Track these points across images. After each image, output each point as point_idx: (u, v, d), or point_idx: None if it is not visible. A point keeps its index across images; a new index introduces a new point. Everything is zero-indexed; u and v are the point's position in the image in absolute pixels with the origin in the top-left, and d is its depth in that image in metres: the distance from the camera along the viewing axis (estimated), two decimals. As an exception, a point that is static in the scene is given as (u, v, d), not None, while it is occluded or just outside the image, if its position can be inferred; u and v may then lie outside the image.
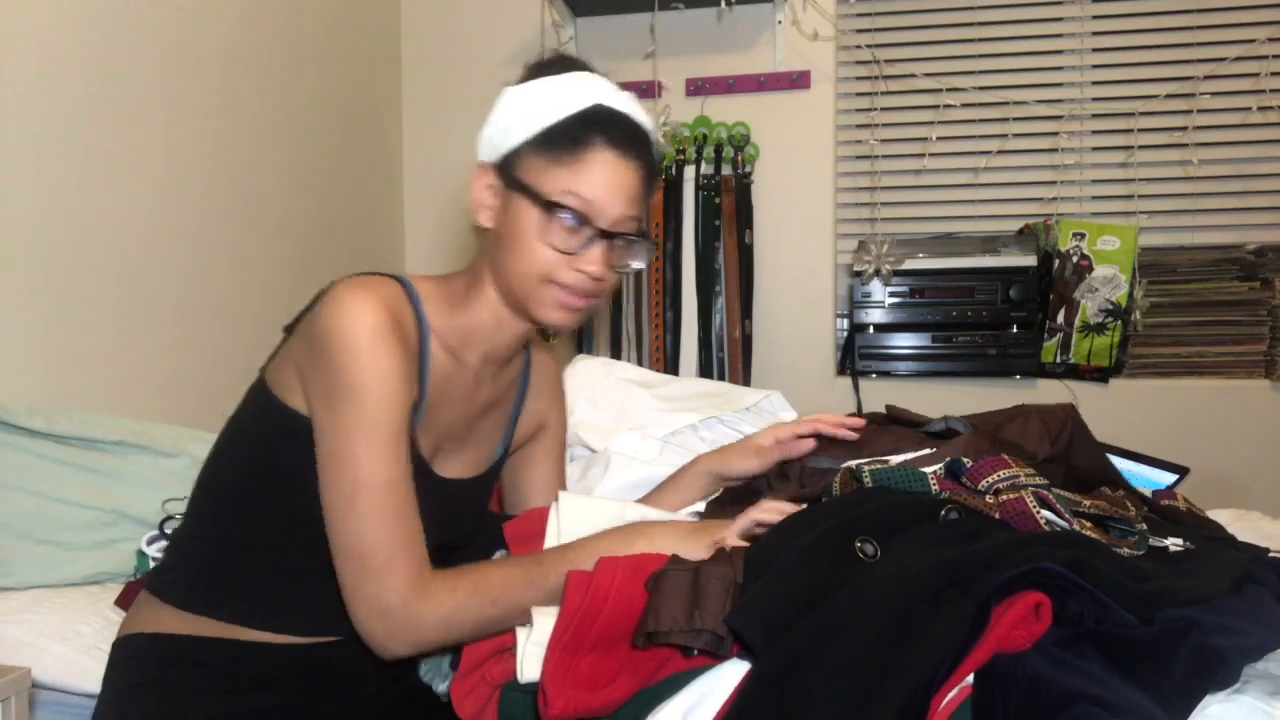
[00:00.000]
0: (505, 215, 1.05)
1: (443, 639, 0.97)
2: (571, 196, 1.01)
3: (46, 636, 1.22)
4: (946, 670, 0.74)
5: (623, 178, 1.03)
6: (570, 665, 0.84)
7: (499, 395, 1.20)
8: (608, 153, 1.03)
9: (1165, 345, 2.51)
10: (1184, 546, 0.99)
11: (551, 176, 1.02)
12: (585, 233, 1.02)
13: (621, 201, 1.03)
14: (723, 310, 2.57)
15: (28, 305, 1.57)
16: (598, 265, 1.03)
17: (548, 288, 1.04)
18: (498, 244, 1.06)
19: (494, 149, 1.06)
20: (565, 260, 1.03)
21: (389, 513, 0.96)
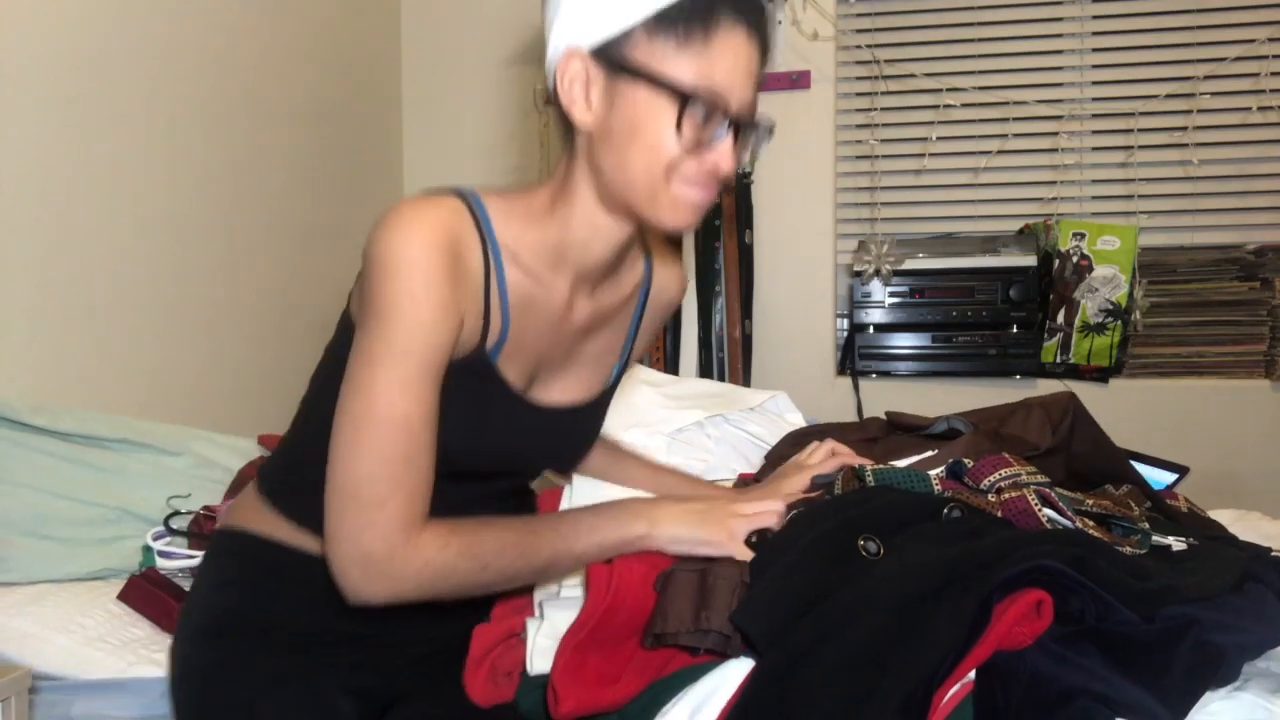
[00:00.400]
0: (613, 109, 0.91)
1: (421, 594, 0.90)
2: (706, 83, 0.89)
3: (50, 628, 1.22)
4: (948, 667, 0.74)
5: (751, 59, 0.92)
6: (580, 662, 0.85)
7: (604, 314, 1.08)
8: (738, 32, 0.91)
9: (1165, 345, 2.51)
10: (1186, 545, 1.00)
11: (680, 62, 0.89)
12: (718, 123, 0.91)
13: (750, 86, 0.93)
14: (723, 310, 2.57)
15: (31, 303, 1.57)
16: (729, 159, 0.92)
17: (674, 186, 0.92)
18: (605, 141, 0.93)
19: (588, 32, 0.91)
20: (695, 154, 0.91)
21: (394, 450, 0.88)
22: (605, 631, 0.86)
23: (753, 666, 0.80)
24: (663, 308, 1.18)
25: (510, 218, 0.98)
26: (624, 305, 1.11)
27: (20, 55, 1.55)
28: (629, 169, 0.92)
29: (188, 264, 1.94)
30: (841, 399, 2.58)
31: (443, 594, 0.91)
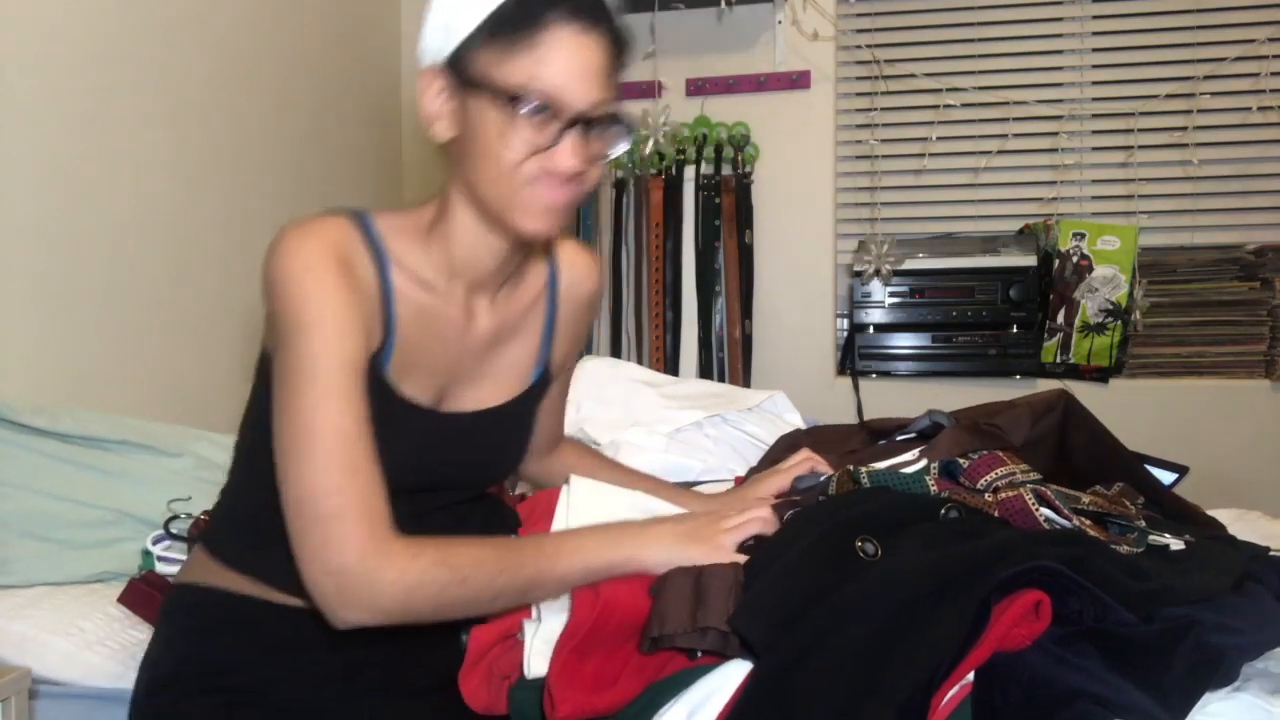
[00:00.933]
0: (465, 120, 0.93)
1: (401, 610, 0.88)
2: (534, 84, 0.89)
3: (49, 632, 1.22)
4: (947, 668, 0.74)
5: (588, 55, 0.91)
6: (577, 665, 0.85)
7: (510, 323, 1.09)
8: (568, 28, 0.90)
9: (1165, 345, 2.51)
10: (1184, 545, 1.00)
11: (509, 65, 0.90)
12: (554, 124, 0.91)
13: (590, 83, 0.91)
14: (723, 310, 2.57)
15: (31, 304, 1.57)
16: (573, 159, 0.92)
17: (521, 191, 0.92)
18: (463, 154, 0.95)
19: (439, 49, 0.94)
20: (535, 156, 0.91)
21: (335, 461, 0.87)
22: (601, 635, 0.86)
23: (750, 669, 0.80)
24: (579, 304, 1.17)
25: (399, 234, 0.99)
26: (530, 311, 1.11)
27: (20, 55, 1.55)
28: (483, 178, 0.93)
29: (189, 263, 1.94)
30: (841, 399, 2.58)
31: (424, 612, 0.89)
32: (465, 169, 0.95)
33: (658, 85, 2.65)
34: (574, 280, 1.15)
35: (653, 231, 2.57)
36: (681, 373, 2.54)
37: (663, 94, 2.67)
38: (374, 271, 0.96)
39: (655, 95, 2.64)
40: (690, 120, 2.61)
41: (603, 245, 2.63)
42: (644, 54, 2.65)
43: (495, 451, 1.10)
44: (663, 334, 2.56)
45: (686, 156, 2.57)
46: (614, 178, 2.62)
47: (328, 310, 0.90)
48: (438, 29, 0.95)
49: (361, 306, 0.93)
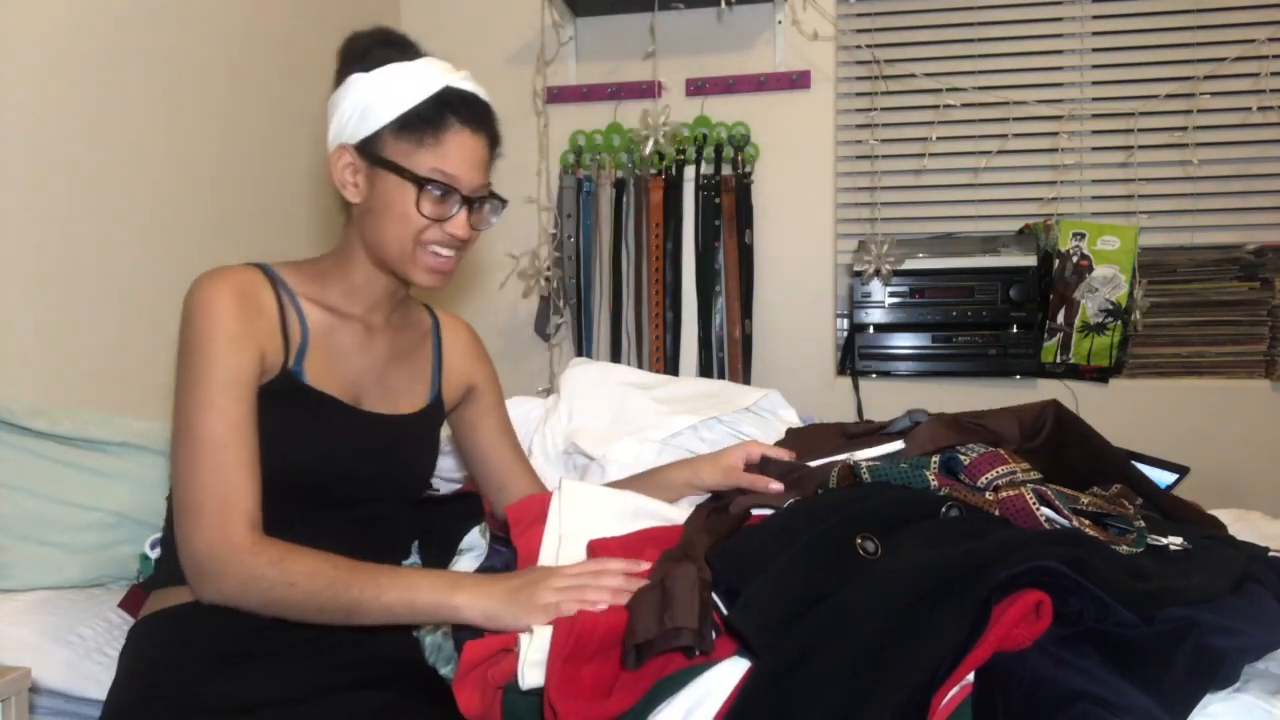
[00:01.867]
0: (373, 190, 1.18)
1: (239, 596, 1.03)
2: (438, 173, 1.15)
3: (49, 639, 1.22)
4: (947, 669, 0.74)
5: (476, 152, 1.19)
6: (573, 675, 0.84)
7: (405, 347, 1.32)
8: (463, 132, 1.17)
9: (1165, 345, 2.51)
10: (1183, 545, 1.00)
11: (418, 157, 1.15)
12: (452, 202, 1.17)
13: (478, 172, 1.19)
14: (723, 310, 2.57)
15: (30, 305, 1.57)
16: (463, 229, 1.19)
17: (418, 251, 1.18)
18: (367, 216, 1.19)
19: (351, 132, 1.18)
20: (433, 225, 1.17)
21: (203, 461, 1.05)
22: (590, 643, 0.86)
23: (749, 667, 0.80)
24: (463, 349, 1.41)
25: (300, 275, 1.23)
26: (419, 346, 1.35)
27: (21, 55, 1.55)
28: (386, 237, 1.18)
29: (188, 264, 1.93)
30: (842, 399, 2.58)
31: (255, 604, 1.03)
32: (368, 228, 1.20)
33: (658, 85, 2.65)
34: (452, 334, 1.41)
35: (653, 231, 2.57)
36: (681, 373, 2.53)
37: (663, 94, 2.67)
38: (274, 301, 1.17)
39: (655, 95, 2.64)
40: (690, 120, 2.61)
41: (603, 245, 2.63)
42: (644, 54, 2.65)
43: (406, 454, 1.28)
44: (663, 334, 2.56)
45: (686, 156, 2.57)
46: (614, 178, 2.62)
47: (216, 335, 1.09)
48: (353, 115, 1.18)
49: (258, 331, 1.13)
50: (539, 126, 2.73)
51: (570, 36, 2.72)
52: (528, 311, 2.72)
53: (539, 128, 2.73)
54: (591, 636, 0.86)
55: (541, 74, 2.71)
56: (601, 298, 2.63)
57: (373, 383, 1.26)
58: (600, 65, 2.73)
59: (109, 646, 1.24)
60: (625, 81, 2.68)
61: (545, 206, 2.72)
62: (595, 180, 2.64)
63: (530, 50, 2.73)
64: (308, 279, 1.23)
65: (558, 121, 2.72)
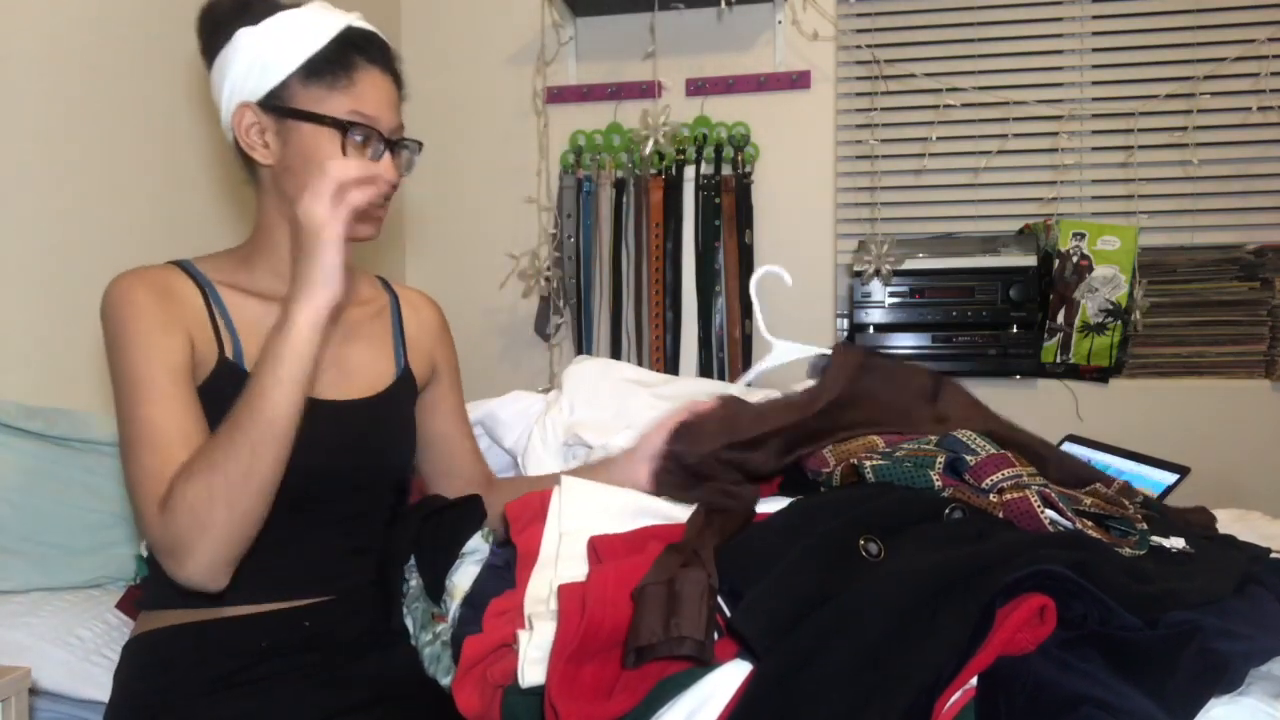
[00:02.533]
0: (286, 146, 1.11)
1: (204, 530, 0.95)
2: (358, 115, 1.10)
3: (47, 641, 1.22)
4: (950, 672, 0.74)
5: (389, 91, 1.14)
6: (574, 674, 0.84)
7: (352, 324, 1.24)
8: (373, 71, 1.12)
9: (1165, 345, 2.51)
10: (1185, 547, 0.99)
11: (332, 101, 1.09)
12: (376, 145, 1.12)
13: (393, 112, 1.14)
14: (723, 310, 2.57)
15: (26, 306, 1.57)
16: (393, 172, 1.13)
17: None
18: (285, 176, 1.12)
19: (252, 89, 1.10)
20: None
21: (158, 450, 0.99)
22: (593, 643, 0.86)
23: (751, 670, 0.80)
24: (428, 327, 1.34)
25: (220, 266, 1.16)
26: (375, 321, 1.28)
27: (21, 55, 1.55)
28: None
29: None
30: (841, 399, 2.58)
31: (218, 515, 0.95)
32: (288, 187, 1.11)
33: (658, 85, 2.65)
34: (414, 307, 1.34)
35: (653, 231, 2.57)
36: (681, 373, 2.53)
37: (663, 94, 2.67)
38: (198, 294, 1.12)
39: (655, 95, 2.64)
40: (690, 120, 2.61)
41: (603, 245, 2.63)
42: (644, 54, 2.65)
43: (377, 440, 1.20)
44: (663, 334, 2.56)
45: (686, 156, 2.57)
46: (614, 178, 2.62)
47: (140, 324, 1.04)
48: (250, 71, 1.10)
49: (183, 318, 1.07)
50: (539, 126, 2.73)
51: (570, 36, 2.72)
52: (528, 311, 2.72)
53: (539, 128, 2.73)
54: (596, 635, 0.86)
55: (541, 74, 2.71)
56: (601, 298, 2.63)
57: (325, 368, 1.16)
58: (600, 65, 2.72)
59: (107, 648, 1.24)
60: (625, 81, 2.68)
61: (545, 206, 2.71)
62: (595, 180, 2.64)
63: (530, 50, 2.73)
64: (232, 267, 1.17)
65: (558, 121, 2.72)
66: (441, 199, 2.85)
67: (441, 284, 2.52)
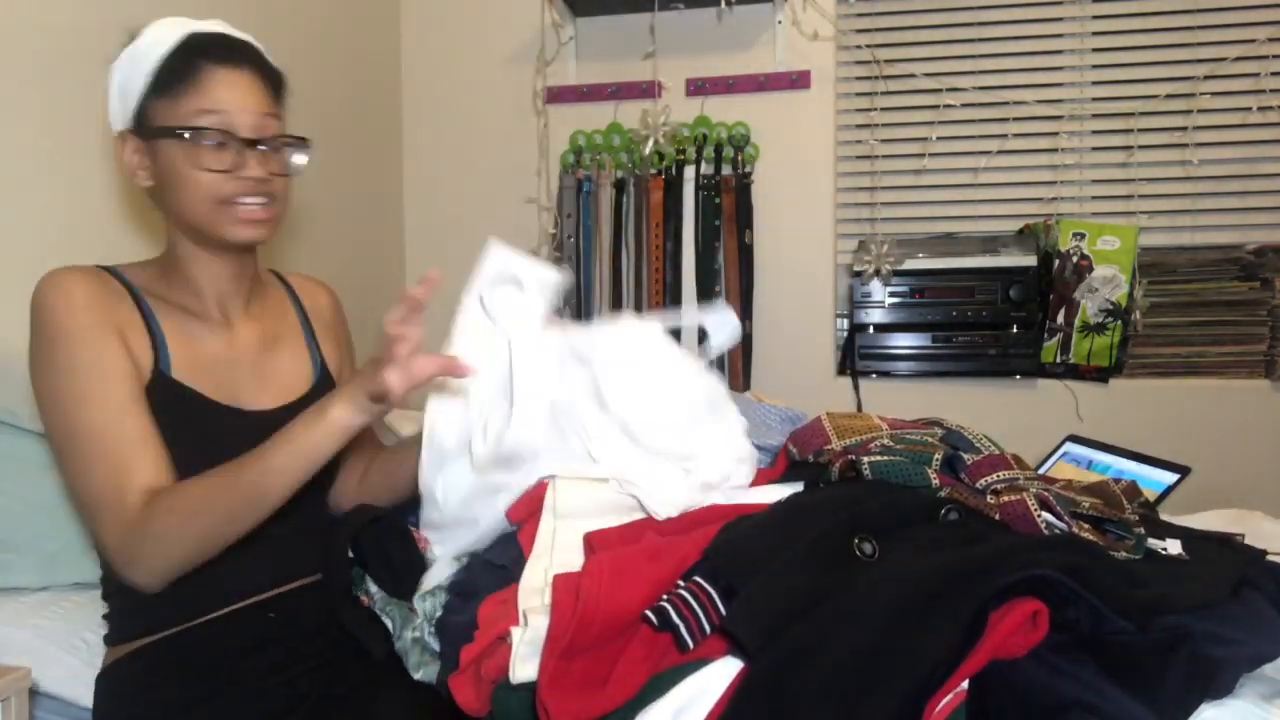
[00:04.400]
0: (157, 164, 1.11)
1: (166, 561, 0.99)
2: (203, 115, 1.07)
3: (53, 644, 1.22)
4: (942, 675, 0.74)
5: (242, 88, 1.10)
6: (565, 669, 0.84)
7: (271, 331, 1.25)
8: (217, 69, 1.09)
9: (1165, 345, 2.51)
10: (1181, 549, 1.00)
11: (179, 109, 1.08)
12: (231, 145, 1.09)
13: (251, 107, 1.10)
14: (723, 310, 2.56)
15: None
16: (257, 169, 1.10)
17: (223, 209, 1.10)
18: (163, 193, 1.12)
19: (122, 117, 1.12)
20: (225, 177, 1.09)
21: (95, 455, 1.00)
22: (587, 636, 0.86)
23: (741, 669, 0.80)
24: (325, 317, 1.34)
25: (144, 275, 1.15)
26: (285, 323, 1.28)
27: (21, 55, 1.55)
28: (184, 207, 1.10)
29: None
30: (842, 399, 2.58)
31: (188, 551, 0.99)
32: (169, 204, 1.12)
33: (658, 85, 2.65)
34: (311, 299, 1.34)
35: (653, 231, 2.57)
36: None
37: (663, 94, 2.67)
38: (129, 300, 1.11)
39: (655, 95, 2.64)
40: (690, 120, 2.61)
41: (603, 245, 2.63)
42: (644, 54, 2.65)
43: None
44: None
45: (686, 156, 2.57)
46: (614, 178, 2.62)
47: (76, 324, 1.03)
48: (115, 99, 1.12)
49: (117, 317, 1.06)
50: (539, 126, 2.73)
51: (570, 36, 2.72)
52: (528, 311, 2.72)
53: (539, 128, 2.73)
54: (590, 627, 0.86)
55: (541, 74, 2.71)
56: (601, 298, 2.63)
57: (249, 379, 1.18)
58: (600, 65, 2.72)
59: (109, 651, 1.24)
60: (625, 81, 2.68)
61: (545, 206, 2.72)
62: (595, 180, 2.64)
63: (530, 50, 2.73)
64: (153, 278, 1.16)
65: (558, 121, 2.72)
66: (442, 199, 2.85)
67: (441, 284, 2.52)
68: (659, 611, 0.86)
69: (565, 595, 0.88)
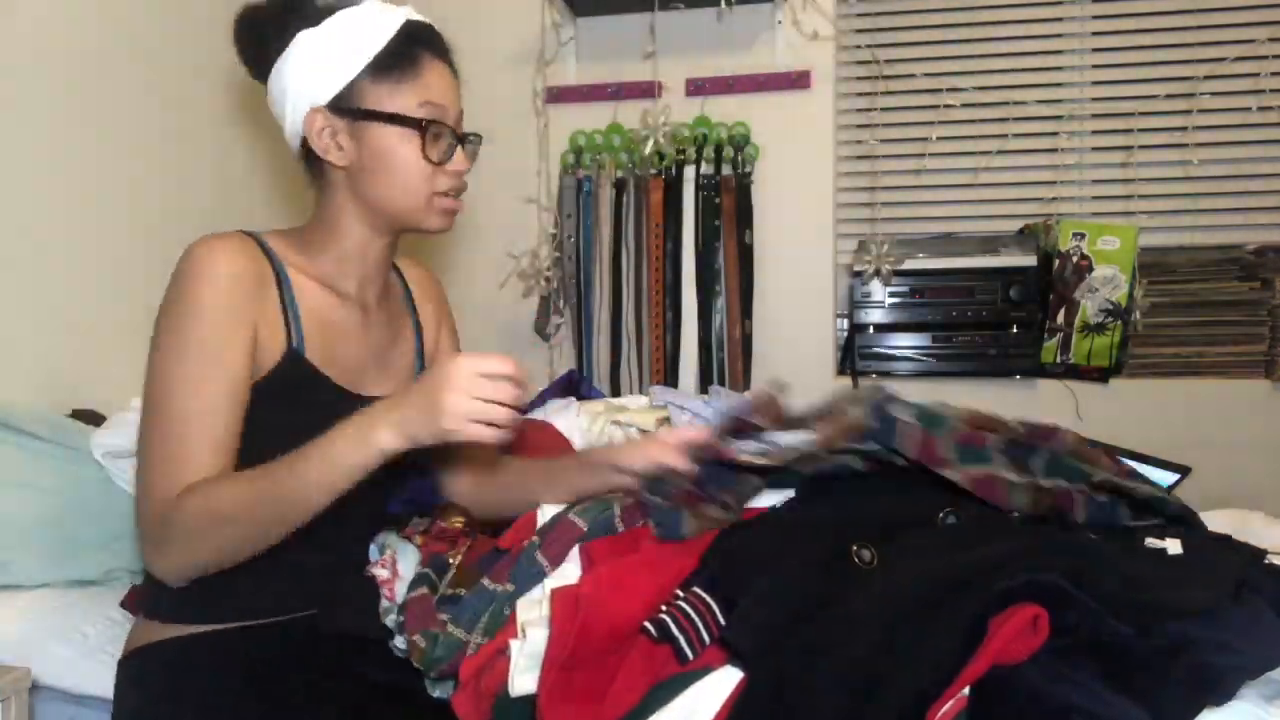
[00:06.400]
0: (361, 147, 1.10)
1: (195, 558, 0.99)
2: (429, 108, 1.10)
3: (52, 637, 1.22)
4: (943, 683, 0.74)
5: (452, 82, 1.14)
6: (566, 682, 0.84)
7: (393, 322, 1.24)
8: (438, 62, 1.13)
9: (1165, 345, 2.51)
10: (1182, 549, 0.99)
11: (401, 98, 1.09)
12: (449, 138, 1.12)
13: (458, 102, 1.15)
14: (723, 310, 2.57)
15: (33, 310, 1.57)
16: (464, 163, 1.14)
17: (432, 199, 1.12)
18: (359, 175, 1.11)
19: (319, 93, 1.09)
20: (439, 169, 1.11)
21: (171, 437, 0.98)
22: (587, 648, 0.85)
23: (741, 678, 0.80)
24: (431, 297, 1.33)
25: (291, 247, 1.13)
26: (402, 315, 1.27)
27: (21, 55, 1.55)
28: (394, 192, 1.11)
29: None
30: (841, 399, 2.58)
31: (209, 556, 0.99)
32: (367, 188, 1.11)
33: (658, 85, 2.65)
34: (418, 280, 1.33)
35: (653, 231, 2.57)
36: (681, 373, 2.53)
37: (663, 94, 2.67)
38: (271, 274, 1.09)
39: (655, 95, 2.64)
40: (690, 120, 2.61)
41: (603, 245, 2.63)
42: (644, 54, 2.65)
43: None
44: (662, 334, 2.56)
45: (686, 156, 2.57)
46: (614, 178, 2.62)
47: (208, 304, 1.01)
48: (317, 74, 1.09)
49: (253, 311, 1.04)
50: (539, 126, 2.73)
51: (570, 36, 2.72)
52: (528, 311, 2.72)
53: (539, 128, 2.73)
54: (590, 639, 0.86)
55: (541, 74, 2.71)
56: (601, 298, 2.63)
57: (374, 366, 1.18)
58: (600, 65, 2.72)
59: (110, 645, 1.24)
60: (625, 81, 2.68)
61: (545, 206, 2.72)
62: (595, 180, 2.64)
63: (530, 50, 2.73)
64: (300, 252, 1.15)
65: (558, 121, 2.72)
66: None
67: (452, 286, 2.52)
68: (658, 624, 0.85)
69: (565, 608, 0.88)
